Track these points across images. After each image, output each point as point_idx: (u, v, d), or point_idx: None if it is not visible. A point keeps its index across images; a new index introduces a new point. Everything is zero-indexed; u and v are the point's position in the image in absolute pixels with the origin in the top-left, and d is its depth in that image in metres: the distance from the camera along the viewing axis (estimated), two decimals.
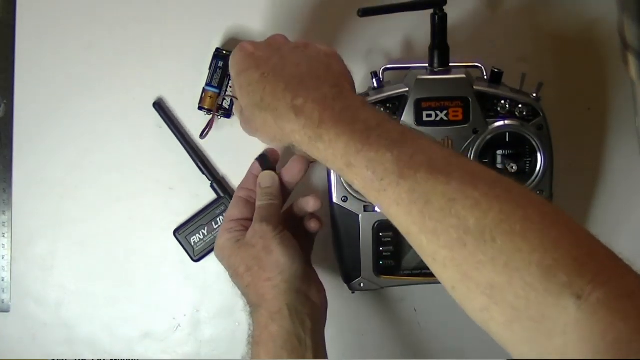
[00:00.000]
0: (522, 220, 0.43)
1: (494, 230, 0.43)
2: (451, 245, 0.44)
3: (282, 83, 0.53)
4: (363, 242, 0.66)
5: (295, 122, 0.51)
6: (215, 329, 0.74)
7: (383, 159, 0.47)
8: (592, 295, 0.40)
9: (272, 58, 0.55)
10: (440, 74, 0.64)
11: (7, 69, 0.72)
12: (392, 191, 0.47)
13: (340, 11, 0.71)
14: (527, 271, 0.41)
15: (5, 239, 0.73)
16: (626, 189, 0.74)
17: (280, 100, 0.52)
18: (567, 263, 0.41)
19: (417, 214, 0.45)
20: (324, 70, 0.54)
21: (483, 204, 0.44)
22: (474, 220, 0.43)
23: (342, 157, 0.49)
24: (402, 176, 0.46)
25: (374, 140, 0.48)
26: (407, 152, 0.47)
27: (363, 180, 0.48)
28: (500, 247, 0.42)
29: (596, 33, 0.71)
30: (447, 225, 0.44)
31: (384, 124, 0.50)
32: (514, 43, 0.72)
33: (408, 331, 0.75)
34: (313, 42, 0.57)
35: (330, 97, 0.51)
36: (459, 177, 0.45)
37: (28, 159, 0.73)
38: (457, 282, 0.45)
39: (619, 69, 0.69)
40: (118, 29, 0.72)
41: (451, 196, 0.44)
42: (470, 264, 0.43)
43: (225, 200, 0.71)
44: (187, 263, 0.73)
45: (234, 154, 0.72)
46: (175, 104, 0.72)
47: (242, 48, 0.57)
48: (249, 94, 0.54)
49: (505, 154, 0.64)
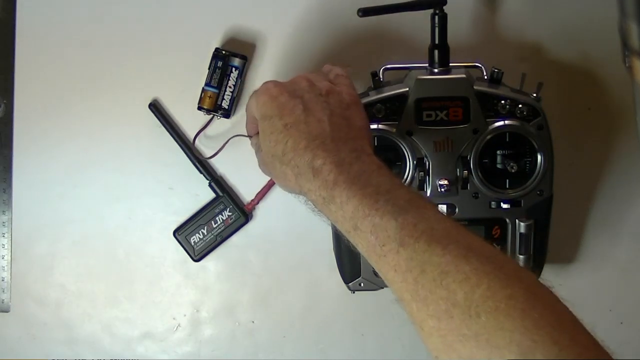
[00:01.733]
0: (507, 299, 0.44)
1: (480, 307, 0.44)
2: (439, 316, 0.45)
3: (304, 140, 0.53)
4: None
5: (312, 182, 0.52)
6: (215, 329, 0.74)
7: (387, 225, 0.48)
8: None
9: (295, 108, 0.55)
10: (440, 74, 0.64)
11: (7, 69, 0.72)
12: (391, 257, 0.48)
13: (340, 11, 0.70)
14: (507, 349, 0.42)
15: (5, 239, 0.73)
16: (626, 189, 0.74)
17: (301, 157, 0.53)
18: (546, 345, 0.42)
19: (411, 281, 0.46)
20: (345, 129, 0.55)
21: (472, 279, 0.45)
22: (463, 294, 0.44)
23: (350, 220, 0.50)
24: (403, 244, 0.47)
25: (381, 205, 0.49)
26: (411, 220, 0.48)
27: (367, 245, 0.49)
28: (484, 323, 0.43)
29: (596, 33, 0.71)
30: (437, 296, 0.45)
31: (394, 190, 0.50)
32: (514, 43, 0.72)
33: (408, 331, 0.75)
34: (337, 81, 0.58)
35: (348, 162, 0.52)
36: (454, 250, 0.46)
37: (28, 159, 0.73)
38: (440, 352, 0.45)
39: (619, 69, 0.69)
40: (118, 29, 0.72)
41: (444, 268, 0.45)
42: (455, 337, 0.44)
43: (224, 198, 0.71)
44: (187, 263, 0.73)
45: (232, 153, 0.72)
46: (174, 104, 0.72)
47: (266, 90, 0.57)
48: (271, 143, 0.55)
49: (505, 154, 0.64)
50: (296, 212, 0.72)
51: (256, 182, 0.72)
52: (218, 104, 0.70)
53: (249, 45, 0.71)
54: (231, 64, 0.69)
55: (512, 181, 0.65)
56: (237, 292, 0.74)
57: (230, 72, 0.69)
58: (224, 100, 0.70)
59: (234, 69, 0.69)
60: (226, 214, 0.72)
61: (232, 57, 0.69)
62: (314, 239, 0.72)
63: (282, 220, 0.73)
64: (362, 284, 0.67)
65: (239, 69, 0.69)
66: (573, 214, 0.73)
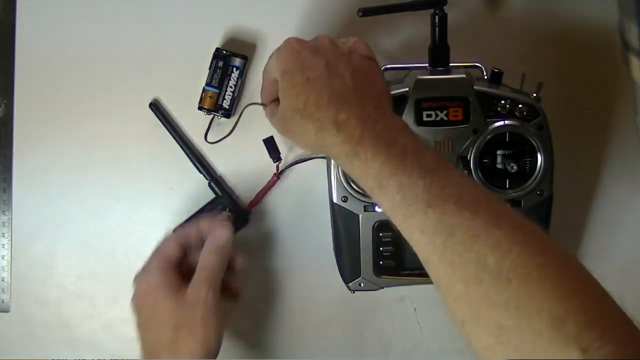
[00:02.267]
0: (539, 267, 0.43)
1: (510, 272, 0.43)
2: (467, 280, 0.45)
3: (326, 95, 0.53)
4: (363, 242, 0.66)
5: (336, 136, 0.52)
6: None
7: (414, 185, 0.48)
8: (599, 352, 0.40)
9: (318, 64, 0.54)
10: (440, 74, 0.64)
11: (7, 69, 0.72)
12: (418, 218, 0.47)
13: (340, 11, 0.71)
14: (537, 317, 0.42)
15: (5, 239, 0.73)
16: (626, 189, 0.74)
17: (324, 111, 0.52)
18: (577, 315, 0.41)
19: (439, 244, 0.46)
20: (368, 87, 0.54)
21: (504, 244, 0.44)
22: (494, 259, 0.44)
23: (375, 178, 0.50)
24: (431, 205, 0.47)
25: (408, 165, 0.49)
26: (439, 182, 0.48)
27: (392, 203, 0.49)
28: (515, 290, 0.43)
29: (596, 33, 0.71)
30: (466, 260, 0.45)
31: (421, 151, 0.50)
32: (514, 43, 0.72)
33: (408, 331, 0.75)
34: (357, 47, 0.57)
35: (373, 117, 0.52)
36: (485, 215, 0.46)
37: (28, 159, 0.73)
38: (467, 317, 0.45)
39: (619, 69, 0.69)
40: (118, 29, 0.72)
41: (475, 232, 0.45)
42: (483, 302, 0.44)
43: (223, 199, 0.71)
44: None
45: (232, 153, 0.72)
46: (175, 104, 0.72)
47: (288, 44, 0.56)
48: (292, 97, 0.54)
49: (505, 154, 0.64)
50: (296, 212, 0.73)
51: (256, 182, 0.72)
52: (219, 104, 0.70)
53: (249, 45, 0.71)
54: (232, 64, 0.69)
55: (512, 181, 0.65)
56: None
57: (231, 72, 0.69)
58: (224, 100, 0.70)
59: (235, 69, 0.69)
60: (225, 214, 0.71)
61: (232, 57, 0.69)
62: (314, 239, 0.72)
63: (282, 221, 0.73)
64: (362, 284, 0.67)
65: (239, 69, 0.69)
66: (573, 214, 0.74)
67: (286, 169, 0.72)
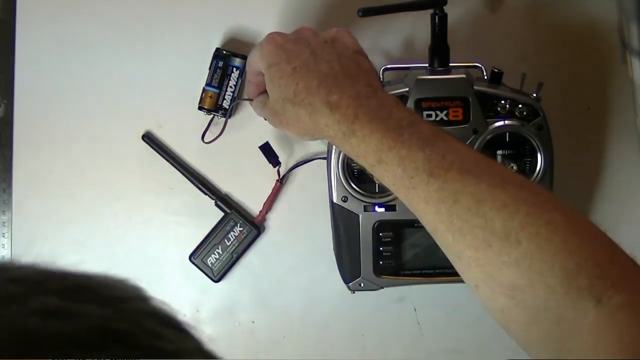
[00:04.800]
0: (547, 224, 0.44)
1: (519, 233, 0.43)
2: (476, 245, 0.45)
3: (315, 79, 0.53)
4: (363, 242, 0.66)
5: (330, 117, 0.52)
6: (215, 329, 0.74)
7: (415, 157, 0.48)
8: (612, 300, 0.40)
9: (303, 52, 0.55)
10: (440, 74, 0.64)
11: (7, 69, 0.72)
12: (421, 189, 0.47)
13: (340, 11, 0.71)
14: (549, 273, 0.42)
15: (5, 239, 0.73)
16: (626, 189, 0.74)
17: (315, 95, 0.52)
18: (589, 267, 0.42)
19: (445, 212, 0.46)
20: (355, 68, 0.54)
21: (510, 206, 0.44)
22: (501, 221, 0.44)
23: (374, 154, 0.50)
24: (433, 175, 0.47)
25: (406, 138, 0.49)
26: (439, 151, 0.48)
27: (393, 177, 0.49)
28: (525, 249, 0.43)
29: (596, 33, 0.71)
30: (473, 225, 0.45)
31: (417, 123, 0.50)
32: (514, 43, 0.72)
33: (408, 331, 0.75)
34: (339, 35, 0.57)
35: (365, 95, 0.52)
36: (488, 179, 0.46)
37: (28, 159, 0.73)
38: (480, 281, 0.45)
39: (619, 69, 0.69)
40: (118, 28, 0.72)
41: (479, 197, 0.45)
42: (494, 265, 0.44)
43: (232, 215, 0.71)
44: (186, 263, 0.73)
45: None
46: (175, 104, 0.72)
47: (271, 39, 0.57)
48: (280, 87, 0.55)
49: (505, 154, 0.64)
50: (296, 212, 0.73)
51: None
52: (219, 104, 0.70)
53: (249, 45, 0.71)
54: (232, 64, 0.69)
55: None
56: (237, 292, 0.74)
57: (230, 72, 0.69)
58: (224, 100, 0.70)
59: (235, 69, 0.69)
60: (237, 229, 0.71)
61: (232, 57, 0.69)
62: (314, 239, 0.72)
63: (282, 221, 0.73)
64: (362, 284, 0.67)
65: (239, 68, 0.69)
66: None
67: (287, 174, 0.72)
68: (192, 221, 0.73)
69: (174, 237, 0.73)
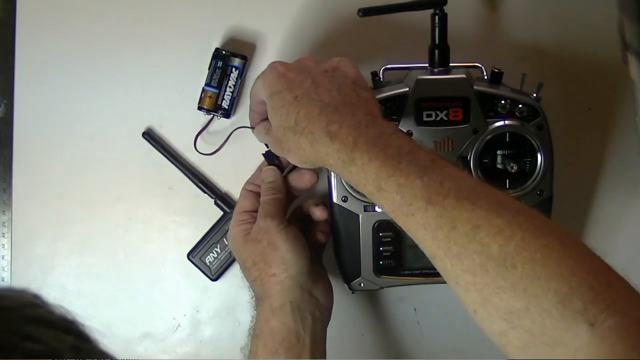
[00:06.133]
0: (542, 248, 0.44)
1: (515, 258, 0.44)
2: (474, 270, 0.46)
3: (316, 108, 0.54)
4: (363, 242, 0.66)
5: (330, 146, 0.53)
6: (215, 329, 0.74)
7: (413, 184, 0.49)
8: (605, 323, 0.41)
9: (304, 82, 0.56)
10: (440, 74, 0.64)
11: (7, 69, 0.72)
12: (420, 216, 0.48)
13: (340, 11, 0.70)
14: (544, 297, 0.43)
15: (5, 239, 0.73)
16: (626, 189, 0.74)
17: (315, 124, 0.54)
18: (583, 291, 0.42)
19: (443, 238, 0.47)
20: (356, 98, 0.56)
21: (506, 231, 0.45)
22: (497, 247, 0.45)
23: (373, 181, 0.51)
24: (430, 202, 0.48)
25: (404, 166, 0.50)
26: (436, 179, 0.49)
27: (392, 205, 0.50)
28: (521, 273, 0.44)
29: (596, 33, 0.71)
30: (471, 250, 0.46)
31: (415, 151, 0.51)
32: (514, 43, 0.72)
33: (408, 331, 0.75)
34: (340, 64, 0.58)
35: (364, 124, 0.53)
36: (484, 205, 0.47)
37: (28, 159, 0.73)
38: (478, 305, 0.46)
39: (619, 69, 0.69)
40: (118, 28, 0.72)
41: (476, 223, 0.46)
42: (491, 289, 0.45)
43: (231, 214, 0.71)
44: (187, 263, 0.73)
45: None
46: (174, 104, 0.72)
47: (273, 69, 0.58)
48: (282, 116, 0.56)
49: (505, 154, 0.64)
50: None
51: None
52: (218, 104, 0.70)
53: (249, 45, 0.71)
54: (231, 64, 0.69)
55: (512, 181, 0.65)
56: (237, 292, 0.74)
57: (230, 72, 0.69)
58: (224, 100, 0.70)
59: (234, 69, 0.69)
60: None
61: (232, 57, 0.69)
62: None
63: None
64: (362, 284, 0.67)
65: (239, 69, 0.69)
66: (573, 214, 0.73)
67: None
68: (192, 221, 0.73)
69: (174, 237, 0.73)
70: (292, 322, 0.60)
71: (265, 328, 0.60)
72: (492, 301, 0.45)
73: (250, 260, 0.62)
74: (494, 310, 0.45)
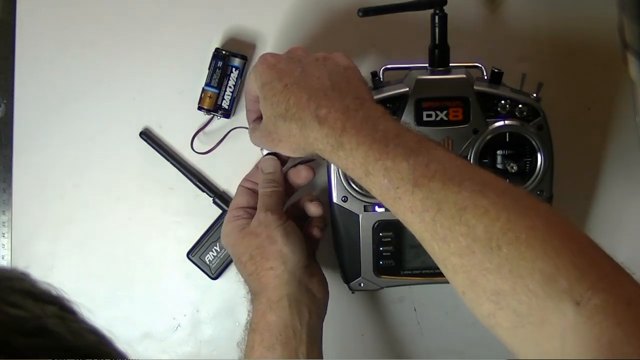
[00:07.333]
0: (527, 229, 0.44)
1: (500, 239, 0.44)
2: (461, 252, 0.46)
3: (305, 94, 0.55)
4: (363, 242, 0.66)
5: (319, 131, 0.53)
6: (215, 329, 0.74)
7: (399, 167, 0.49)
8: (591, 301, 0.41)
9: (294, 70, 0.57)
10: (440, 74, 0.64)
11: (7, 69, 0.72)
12: (406, 199, 0.48)
13: (340, 11, 0.71)
14: (530, 278, 0.43)
15: (5, 239, 0.73)
16: (626, 189, 0.74)
17: (305, 110, 0.54)
18: (568, 270, 0.42)
19: (429, 221, 0.47)
20: (345, 83, 0.56)
21: (491, 212, 0.45)
22: (483, 228, 0.45)
23: (361, 166, 0.51)
24: (417, 184, 0.48)
25: (391, 149, 0.50)
26: (422, 161, 0.49)
27: (380, 188, 0.50)
28: (506, 255, 0.44)
29: (596, 33, 0.71)
30: (457, 233, 0.46)
31: (403, 134, 0.51)
32: (514, 43, 0.72)
33: (408, 331, 0.75)
34: (332, 55, 0.59)
35: (353, 108, 0.53)
36: (470, 186, 0.47)
37: (28, 159, 0.73)
38: (466, 287, 0.46)
39: (619, 69, 0.69)
40: (118, 28, 0.72)
41: (462, 204, 0.46)
42: (478, 271, 0.45)
43: None
44: (186, 263, 0.73)
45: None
46: (174, 104, 0.72)
47: (264, 60, 0.59)
48: (273, 105, 0.56)
49: (505, 154, 0.64)
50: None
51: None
52: (218, 104, 0.70)
53: (249, 45, 0.71)
54: (231, 64, 0.69)
55: (512, 181, 0.65)
56: (237, 292, 0.74)
57: (230, 72, 0.69)
58: (224, 100, 0.70)
59: (234, 69, 0.69)
60: None
61: (232, 57, 0.69)
62: None
63: None
64: (362, 284, 0.67)
65: (239, 69, 0.69)
66: (573, 214, 0.73)
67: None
68: (192, 221, 0.73)
69: (174, 237, 0.73)
70: (289, 316, 0.60)
71: (262, 322, 0.60)
72: (479, 283, 0.45)
73: (247, 254, 0.62)
74: (482, 292, 0.45)
